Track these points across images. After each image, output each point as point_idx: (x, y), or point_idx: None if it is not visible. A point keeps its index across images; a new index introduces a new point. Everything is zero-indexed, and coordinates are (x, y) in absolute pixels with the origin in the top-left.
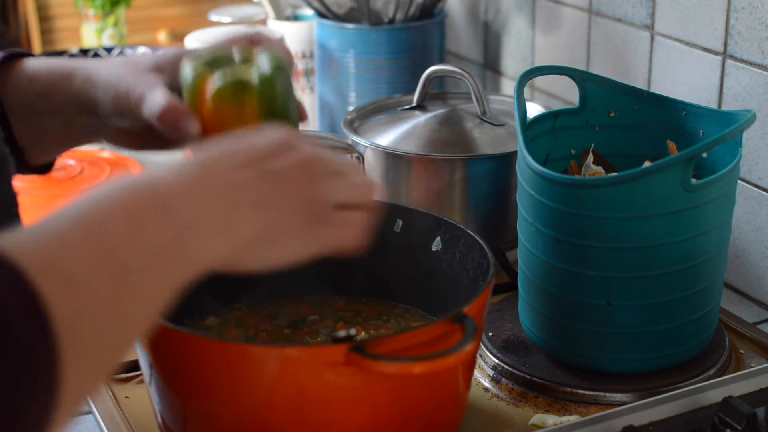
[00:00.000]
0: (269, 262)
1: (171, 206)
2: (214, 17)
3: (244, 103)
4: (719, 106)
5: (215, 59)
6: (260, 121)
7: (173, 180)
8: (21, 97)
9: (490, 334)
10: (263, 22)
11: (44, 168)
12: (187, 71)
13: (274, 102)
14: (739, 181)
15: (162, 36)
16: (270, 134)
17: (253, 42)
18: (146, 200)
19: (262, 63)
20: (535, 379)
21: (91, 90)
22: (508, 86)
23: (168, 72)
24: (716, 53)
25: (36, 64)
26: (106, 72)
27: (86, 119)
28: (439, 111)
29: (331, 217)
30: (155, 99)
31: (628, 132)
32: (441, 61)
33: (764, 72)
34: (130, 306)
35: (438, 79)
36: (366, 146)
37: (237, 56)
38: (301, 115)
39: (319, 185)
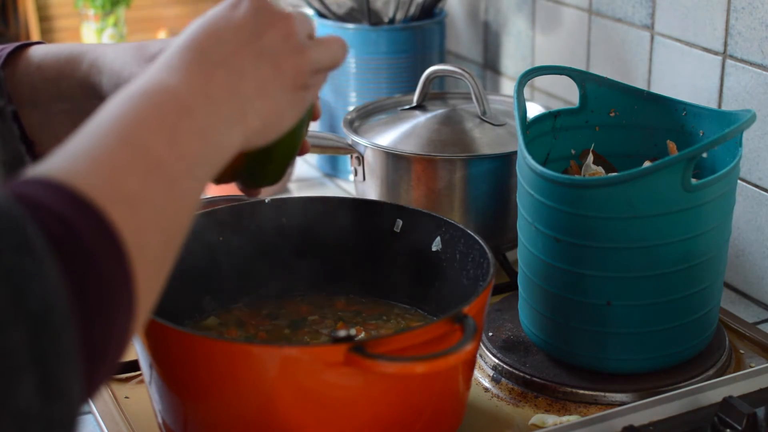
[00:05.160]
0: (271, 136)
1: (193, 111)
2: None
3: None
4: (719, 106)
5: None
6: None
7: (186, 83)
8: (30, 84)
9: (490, 334)
10: None
11: None
12: None
13: None
14: (739, 181)
15: (162, 36)
16: (243, 6)
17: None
18: (172, 109)
19: None
20: (535, 379)
21: (96, 75)
22: (508, 86)
23: None
24: (716, 53)
25: (44, 50)
26: (111, 56)
27: (96, 105)
28: (439, 111)
29: (312, 81)
30: None
31: (628, 132)
32: (441, 61)
33: (764, 72)
34: (180, 213)
35: (438, 79)
36: (366, 146)
37: None
38: (315, 114)
39: (303, 56)
